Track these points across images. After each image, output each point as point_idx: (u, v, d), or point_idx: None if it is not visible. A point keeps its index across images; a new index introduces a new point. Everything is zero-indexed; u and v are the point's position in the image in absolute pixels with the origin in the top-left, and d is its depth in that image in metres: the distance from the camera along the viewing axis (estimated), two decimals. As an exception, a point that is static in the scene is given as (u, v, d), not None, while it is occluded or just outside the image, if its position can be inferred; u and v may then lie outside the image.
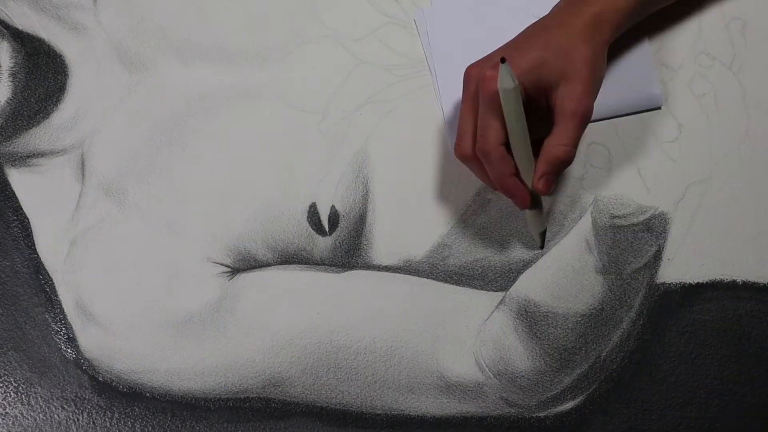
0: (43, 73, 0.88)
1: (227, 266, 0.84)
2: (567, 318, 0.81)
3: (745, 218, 0.83)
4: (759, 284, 0.82)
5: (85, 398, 0.81)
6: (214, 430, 0.80)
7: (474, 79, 0.77)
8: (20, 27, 0.89)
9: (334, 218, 0.84)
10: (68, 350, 0.82)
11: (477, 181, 0.83)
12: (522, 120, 0.75)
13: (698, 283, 0.82)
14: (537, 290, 0.82)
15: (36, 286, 0.84)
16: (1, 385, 0.82)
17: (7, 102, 0.88)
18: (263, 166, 0.86)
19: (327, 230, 0.84)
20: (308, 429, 0.80)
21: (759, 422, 0.79)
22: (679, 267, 0.82)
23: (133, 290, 0.83)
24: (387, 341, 0.82)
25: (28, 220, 0.85)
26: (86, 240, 0.85)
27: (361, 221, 0.84)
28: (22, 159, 0.87)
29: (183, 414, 0.81)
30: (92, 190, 0.86)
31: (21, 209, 0.86)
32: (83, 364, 0.82)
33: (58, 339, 0.83)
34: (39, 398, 0.81)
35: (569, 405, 0.80)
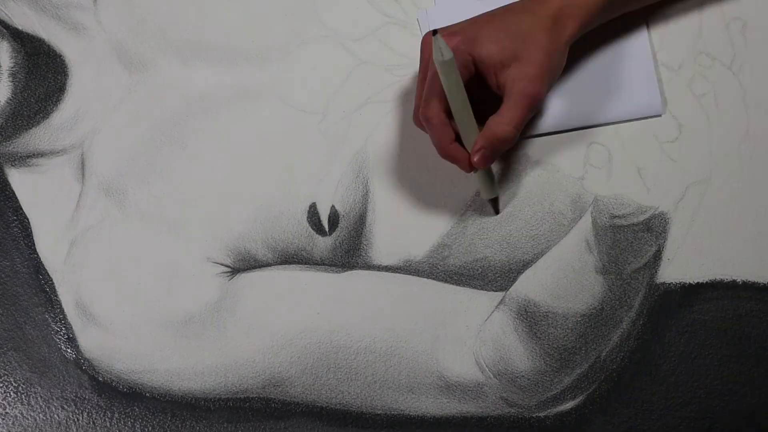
0: (43, 73, 0.88)
1: (227, 266, 0.84)
2: (567, 318, 0.81)
3: (745, 218, 0.83)
4: (759, 284, 0.82)
5: (85, 398, 0.81)
6: (214, 430, 0.80)
7: (427, 48, 0.77)
8: (20, 27, 0.89)
9: (334, 218, 0.84)
10: (68, 350, 0.82)
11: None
12: (460, 89, 0.75)
13: (698, 283, 0.82)
14: (537, 290, 0.82)
15: (36, 286, 0.84)
16: (1, 385, 0.82)
17: (7, 102, 0.88)
18: (263, 166, 0.86)
19: (327, 230, 0.84)
20: (308, 429, 0.80)
21: (759, 422, 0.79)
22: (679, 267, 0.82)
23: (133, 290, 0.83)
24: (387, 341, 0.82)
25: (28, 220, 0.85)
26: (86, 240, 0.85)
27: (361, 221, 0.84)
28: (22, 159, 0.87)
29: (183, 414, 0.81)
30: (92, 190, 0.86)
31: (21, 209, 0.85)
32: (83, 364, 0.82)
33: (58, 339, 0.83)
34: (39, 398, 0.81)
35: (569, 405, 0.80)
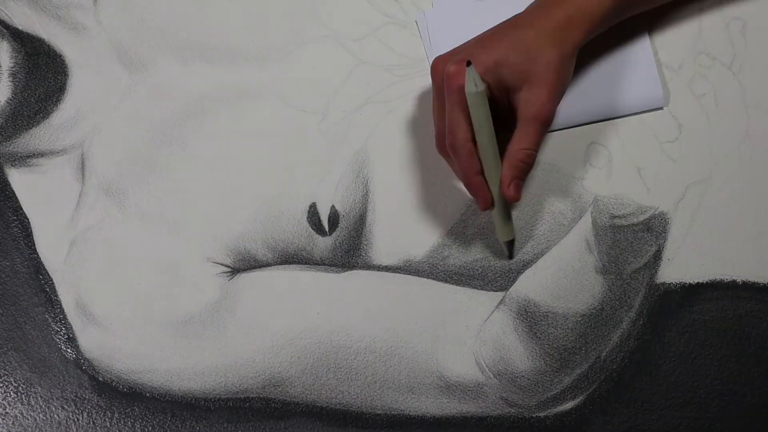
0: (43, 73, 0.88)
1: (227, 266, 0.84)
2: (567, 318, 0.81)
3: (745, 218, 0.83)
4: (759, 284, 0.82)
5: (85, 398, 0.81)
6: (214, 430, 0.80)
7: (440, 75, 0.77)
8: (20, 27, 0.89)
9: (334, 218, 0.84)
10: (68, 350, 0.82)
11: (477, 181, 0.84)
12: (489, 121, 0.75)
13: (698, 283, 0.82)
14: (537, 290, 0.82)
15: (36, 286, 0.84)
16: (1, 385, 0.82)
17: (7, 102, 0.88)
18: (263, 166, 0.86)
19: (327, 230, 0.84)
20: (308, 429, 0.80)
21: (759, 422, 0.79)
22: (679, 267, 0.82)
23: (133, 290, 0.83)
24: (387, 341, 0.82)
25: (28, 220, 0.85)
26: (86, 240, 0.85)
27: (361, 221, 0.84)
28: (22, 159, 0.87)
29: (183, 414, 0.81)
30: (92, 190, 0.86)
31: (21, 209, 0.85)
32: (83, 364, 0.82)
33: (58, 339, 0.83)
34: (39, 398, 0.81)
35: (569, 405, 0.80)
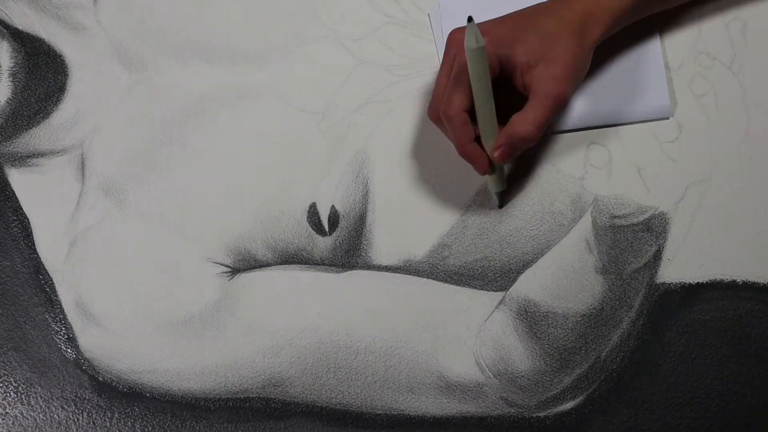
0: (43, 73, 0.88)
1: (227, 266, 0.84)
2: (567, 318, 0.81)
3: (745, 218, 0.83)
4: (759, 284, 0.82)
5: (85, 398, 0.81)
6: (214, 430, 0.80)
7: (456, 43, 0.77)
8: (20, 27, 0.89)
9: (334, 218, 0.84)
10: (68, 350, 0.82)
11: (477, 181, 0.83)
12: (487, 77, 0.75)
13: (698, 283, 0.82)
14: (537, 290, 0.82)
15: (36, 286, 0.84)
16: (1, 385, 0.82)
17: (7, 102, 0.88)
18: (263, 166, 0.86)
19: (327, 230, 0.84)
20: (308, 429, 0.80)
21: (759, 422, 0.79)
22: (679, 267, 0.82)
23: (133, 290, 0.83)
24: (387, 341, 0.82)
25: (28, 220, 0.85)
26: (86, 240, 0.85)
27: (361, 221, 0.84)
28: (22, 159, 0.87)
29: (183, 414, 0.81)
30: (92, 190, 0.86)
31: (21, 209, 0.85)
32: (83, 364, 0.82)
33: (58, 339, 0.83)
34: (39, 398, 0.81)
35: (569, 405, 0.80)
